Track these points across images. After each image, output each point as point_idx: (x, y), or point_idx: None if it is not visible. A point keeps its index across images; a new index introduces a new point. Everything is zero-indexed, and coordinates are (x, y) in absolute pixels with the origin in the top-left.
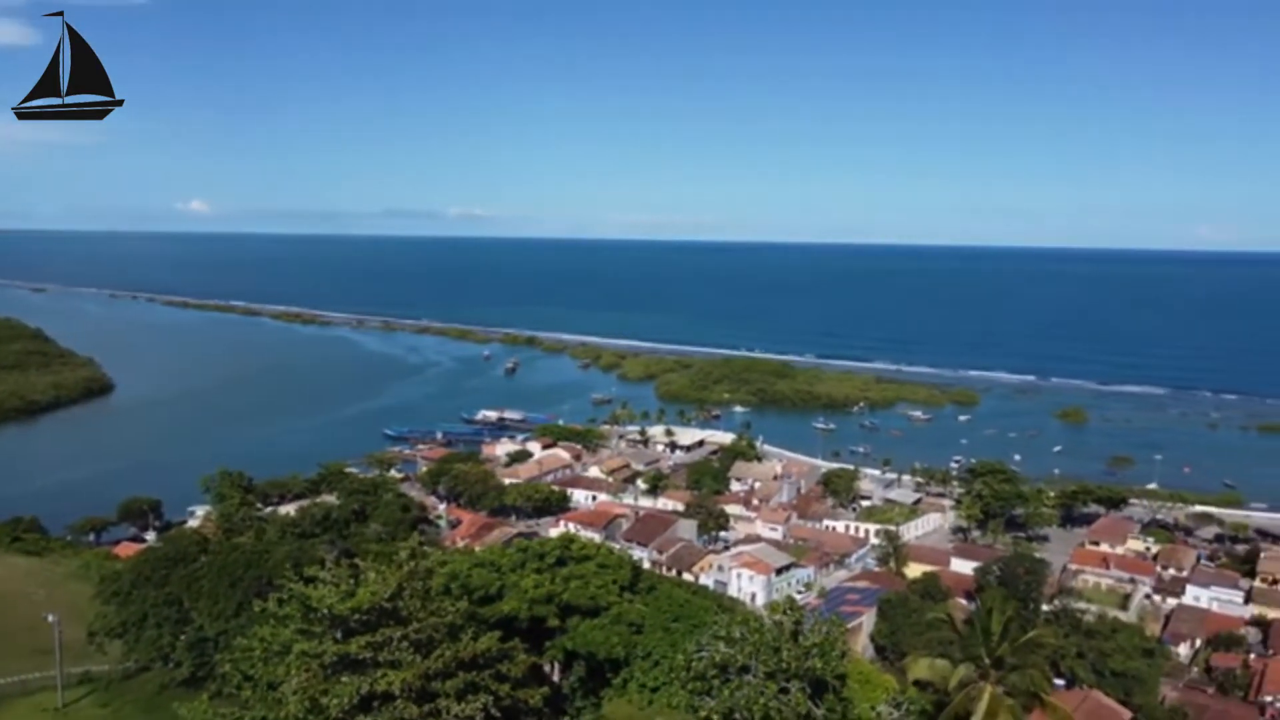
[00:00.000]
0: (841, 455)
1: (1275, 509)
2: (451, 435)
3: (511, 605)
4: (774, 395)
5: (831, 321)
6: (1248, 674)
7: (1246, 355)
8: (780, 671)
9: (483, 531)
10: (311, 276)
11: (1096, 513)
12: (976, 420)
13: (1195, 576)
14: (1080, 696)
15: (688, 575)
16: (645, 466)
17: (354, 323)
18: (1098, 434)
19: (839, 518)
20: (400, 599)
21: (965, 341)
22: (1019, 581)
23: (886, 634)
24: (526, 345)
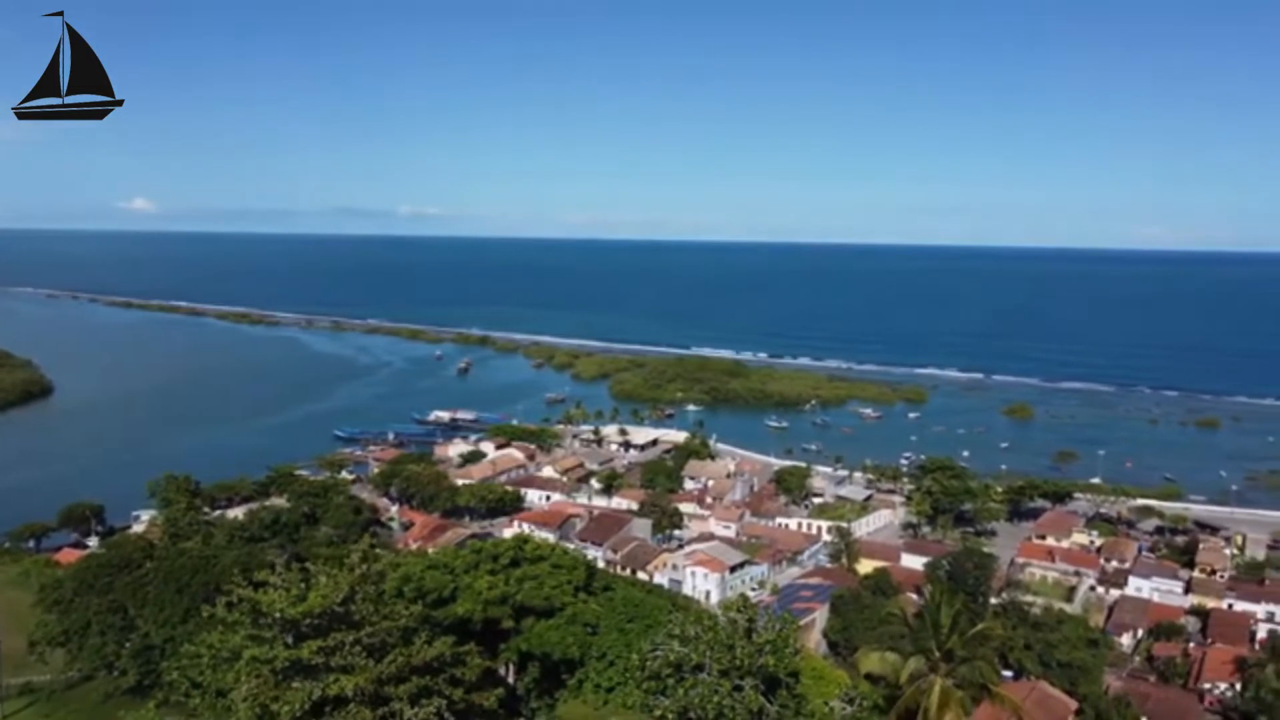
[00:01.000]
0: (794, 453)
1: (1213, 502)
2: (403, 436)
3: (465, 607)
4: (727, 394)
5: (784, 320)
6: (1187, 662)
7: (1185, 352)
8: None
9: (436, 533)
10: (260, 276)
11: (1042, 507)
12: (926, 417)
13: (1137, 568)
14: (1028, 687)
15: (642, 574)
16: (599, 466)
17: (303, 323)
18: (1043, 430)
19: (792, 515)
20: (352, 603)
21: (915, 340)
22: (968, 576)
23: (839, 629)
24: (479, 345)
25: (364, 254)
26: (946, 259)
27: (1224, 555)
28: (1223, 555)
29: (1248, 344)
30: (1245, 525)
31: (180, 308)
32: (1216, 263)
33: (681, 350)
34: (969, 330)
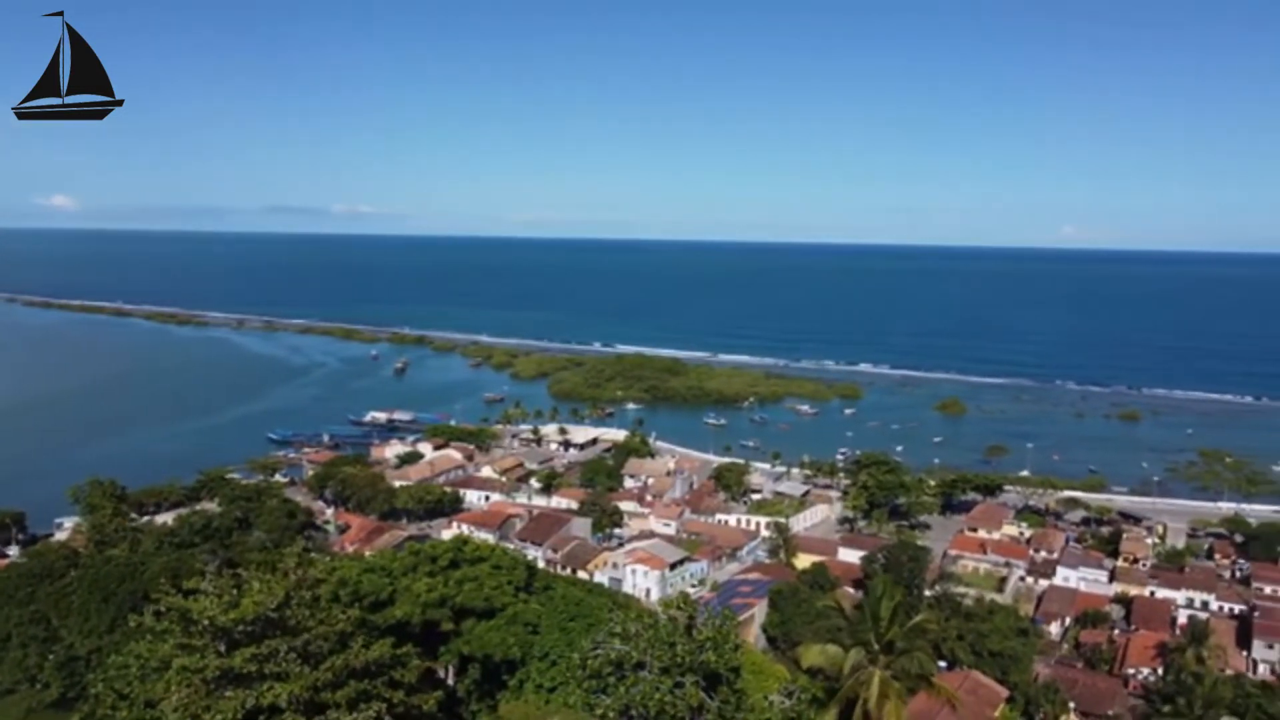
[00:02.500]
0: (732, 450)
1: (1135, 492)
2: (339, 438)
3: (404, 610)
4: (666, 392)
5: (723, 318)
6: (1112, 648)
7: (1108, 348)
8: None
9: (373, 536)
10: (188, 275)
11: (974, 500)
12: (861, 413)
13: (1064, 558)
14: (961, 677)
15: (583, 573)
16: (539, 465)
17: (234, 323)
18: (974, 425)
19: (730, 511)
20: (287, 608)
21: (850, 337)
22: (903, 569)
23: (777, 624)
24: (416, 344)
25: (297, 252)
26: (880, 258)
27: (1146, 544)
28: (1145, 544)
29: (1166, 339)
30: (1166, 515)
31: (104, 308)
32: (1137, 261)
33: (621, 349)
34: (902, 328)
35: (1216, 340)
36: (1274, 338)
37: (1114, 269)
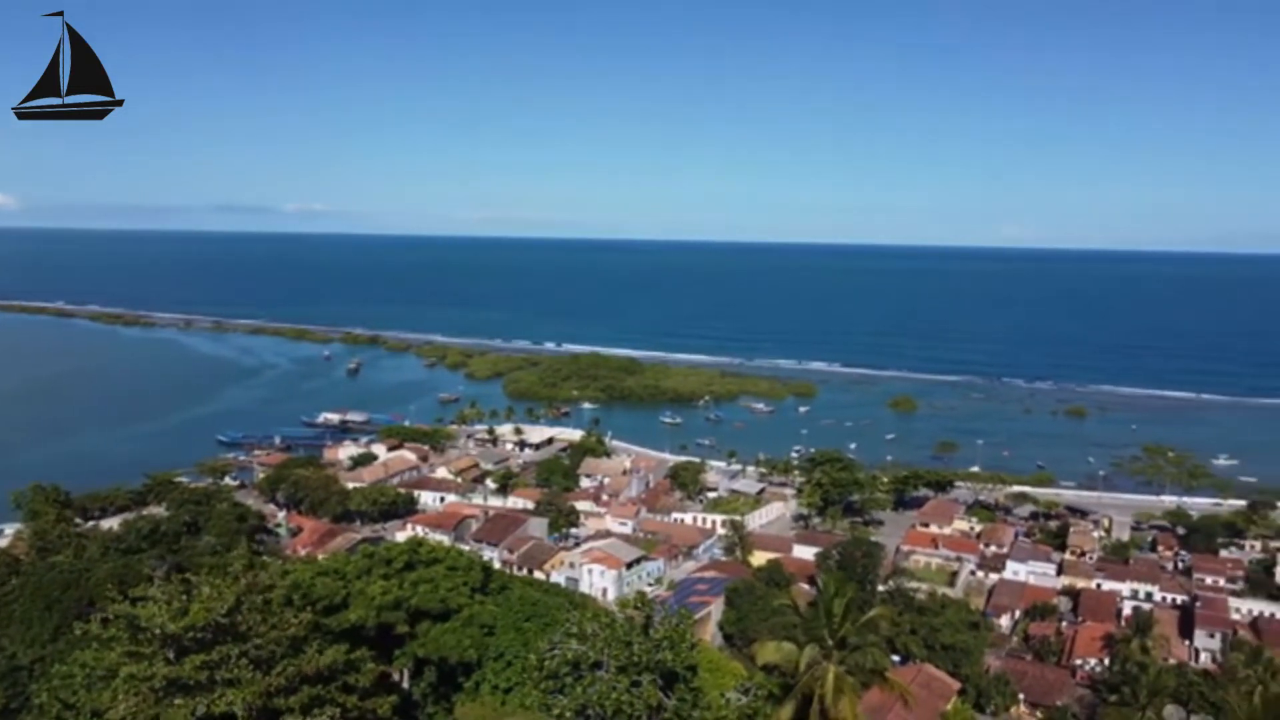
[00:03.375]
0: (688, 448)
1: (1082, 487)
2: (291, 439)
3: (358, 613)
4: (622, 391)
5: (678, 317)
6: (1060, 640)
7: (1055, 346)
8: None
9: (326, 538)
10: (134, 274)
11: (926, 496)
12: (815, 411)
13: (1014, 552)
14: (914, 671)
15: (539, 573)
16: (494, 465)
17: (182, 323)
18: (926, 421)
19: (687, 510)
20: (238, 613)
21: (804, 335)
22: (857, 564)
23: (733, 622)
24: (369, 344)
25: (247, 251)
26: (830, 257)
27: (1093, 538)
28: (1091, 538)
29: (1111, 337)
30: (1111, 509)
31: (46, 308)
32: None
33: (577, 348)
34: (854, 326)
35: (1157, 337)
36: (1210, 335)
37: (1057, 268)
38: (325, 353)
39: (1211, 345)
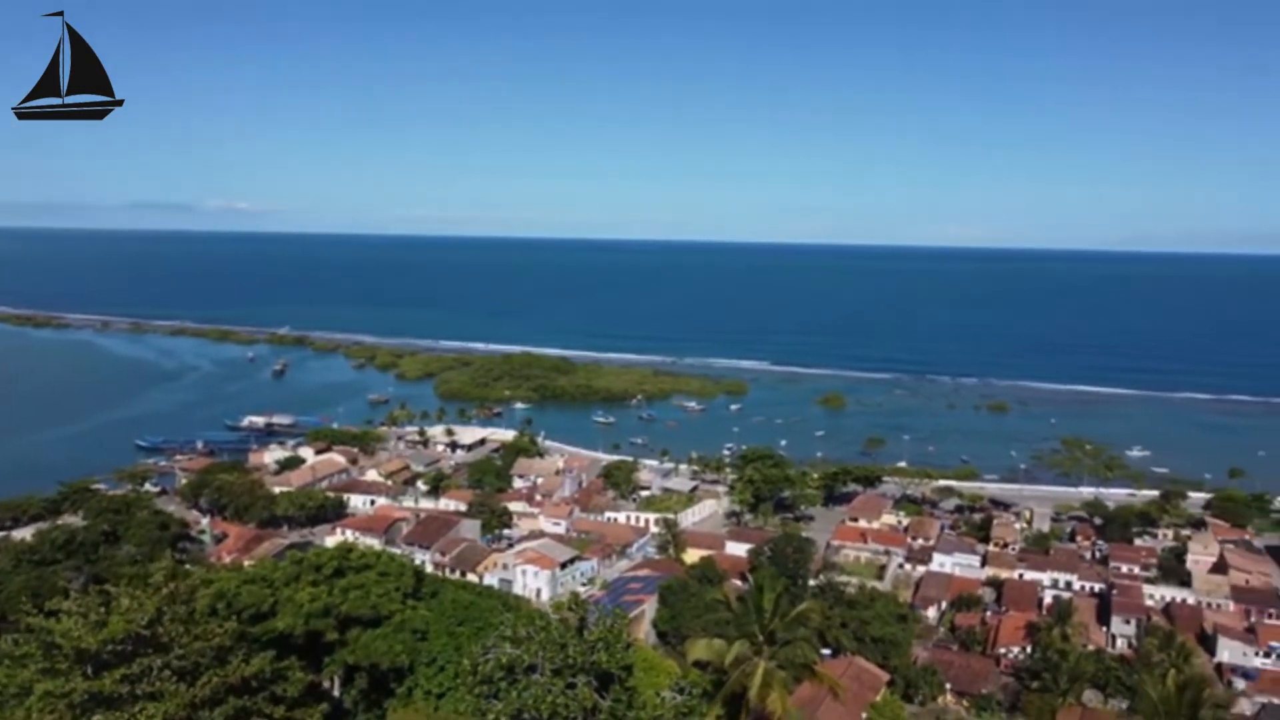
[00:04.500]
0: (621, 447)
1: (1004, 480)
2: (214, 444)
3: (286, 621)
4: (554, 391)
5: (610, 316)
6: (985, 630)
7: (978, 342)
8: (567, 667)
9: (252, 545)
10: (45, 274)
11: (855, 491)
12: (746, 409)
13: (940, 545)
14: (845, 664)
15: (472, 575)
16: (425, 467)
17: (98, 324)
18: (854, 418)
19: (620, 509)
20: (160, 625)
21: (735, 334)
22: (788, 560)
23: (667, 619)
24: (296, 345)
25: (166, 250)
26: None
27: (1015, 529)
28: (1014, 529)
29: (1032, 334)
30: (1032, 501)
31: None
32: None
33: (509, 348)
34: (785, 325)
35: (1074, 334)
36: (1123, 331)
37: (980, 267)
38: (250, 354)
39: (1124, 341)
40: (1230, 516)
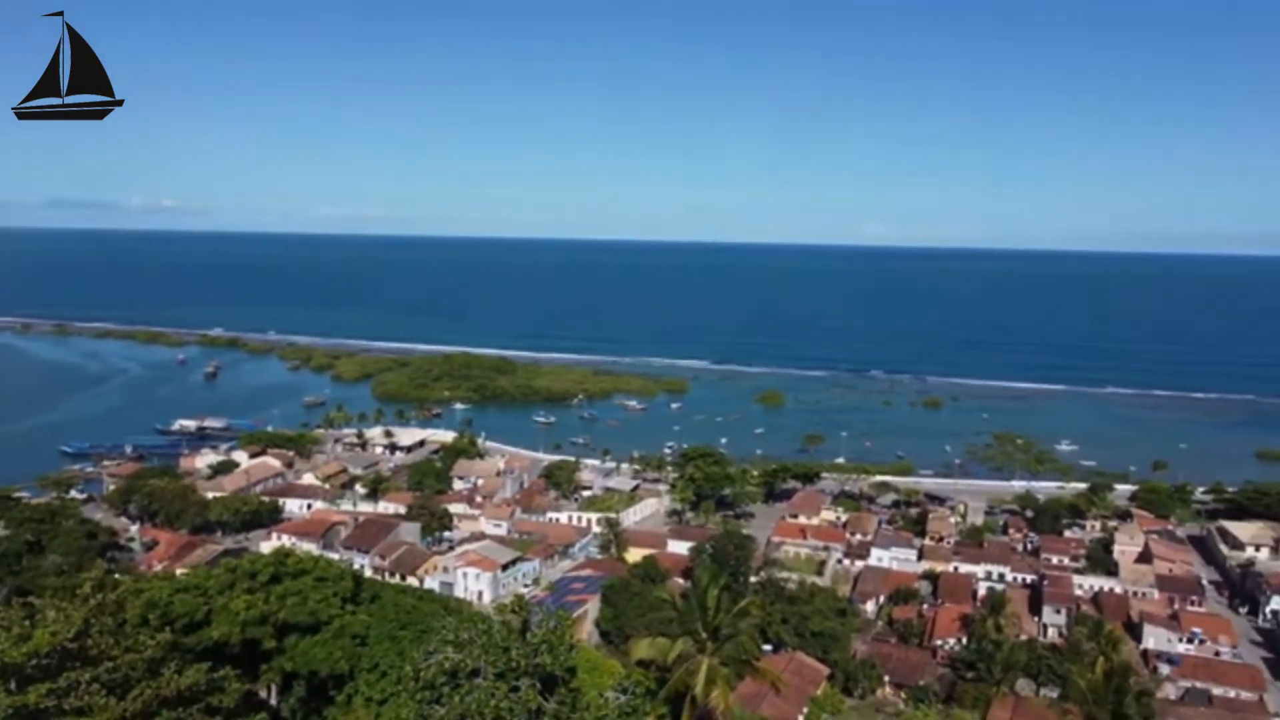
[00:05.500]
0: (562, 447)
1: (939, 475)
2: (143, 449)
3: (221, 630)
4: (495, 391)
5: (550, 316)
6: (922, 622)
7: (913, 340)
8: (510, 671)
9: (184, 552)
10: None
11: (794, 488)
12: (687, 407)
13: (878, 540)
14: (785, 659)
15: (412, 579)
16: (364, 470)
17: (19, 326)
18: (793, 415)
19: (562, 509)
20: (88, 636)
21: (674, 333)
22: (729, 557)
23: (610, 619)
24: (228, 347)
25: (89, 249)
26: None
27: (950, 523)
28: (949, 523)
29: (965, 332)
30: (966, 495)
31: None
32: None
33: (447, 348)
34: (723, 323)
35: (1005, 332)
36: (1052, 330)
37: (917, 265)
38: (180, 356)
39: (1054, 339)
40: (1154, 507)
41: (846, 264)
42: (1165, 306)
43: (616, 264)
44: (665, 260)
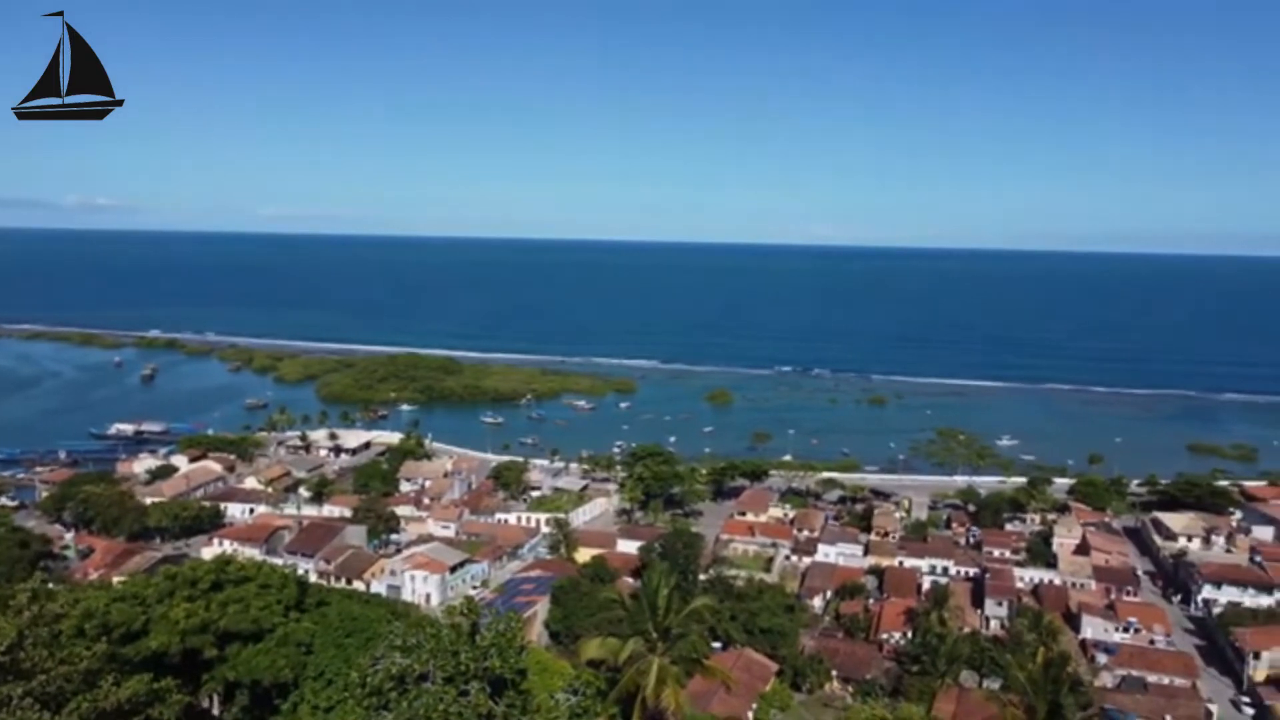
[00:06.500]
0: (511, 448)
1: (884, 471)
2: (78, 454)
3: (160, 640)
4: (441, 391)
5: (498, 316)
6: (868, 617)
7: (857, 338)
8: (459, 674)
9: (121, 559)
10: None
11: (742, 485)
12: (636, 406)
13: (824, 536)
14: (735, 656)
15: (359, 583)
16: (308, 473)
17: None
18: (741, 414)
19: (511, 510)
20: (20, 650)
21: (622, 332)
22: (678, 556)
23: (560, 620)
24: (166, 349)
25: (20, 249)
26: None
27: (895, 518)
28: (894, 518)
29: (910, 330)
30: (910, 490)
31: None
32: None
33: (392, 349)
34: (671, 323)
35: (946, 330)
36: (993, 328)
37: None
38: (116, 359)
39: (994, 336)
40: (1091, 500)
41: (795, 263)
42: (1106, 305)
43: (564, 263)
44: (613, 260)
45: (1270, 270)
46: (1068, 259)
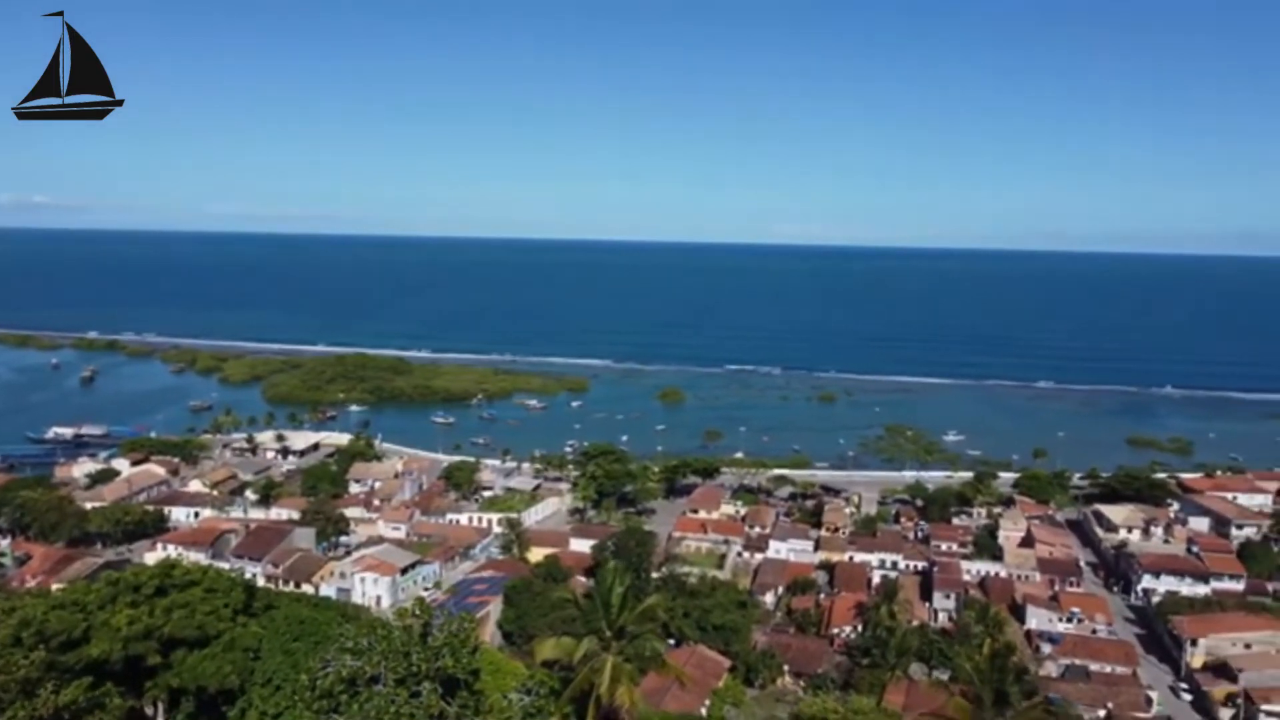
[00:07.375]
0: (462, 448)
1: (834, 467)
2: (14, 458)
3: (101, 647)
4: (391, 392)
5: (447, 316)
6: (819, 612)
7: (807, 337)
8: (411, 676)
9: (60, 566)
10: None
11: (695, 483)
12: (588, 405)
13: (776, 532)
14: (688, 653)
15: (308, 586)
16: (255, 475)
17: None
18: (693, 411)
19: (462, 510)
20: None
21: (574, 331)
22: (631, 554)
23: (513, 620)
24: (106, 350)
25: None
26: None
27: (845, 514)
28: (844, 514)
29: (858, 328)
30: (861, 486)
31: None
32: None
33: (340, 349)
34: (623, 322)
35: (893, 328)
36: (939, 326)
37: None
38: (53, 360)
39: (941, 334)
40: (1035, 494)
41: (753, 262)
42: (1053, 303)
43: (515, 263)
44: (566, 259)
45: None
46: (1023, 257)
